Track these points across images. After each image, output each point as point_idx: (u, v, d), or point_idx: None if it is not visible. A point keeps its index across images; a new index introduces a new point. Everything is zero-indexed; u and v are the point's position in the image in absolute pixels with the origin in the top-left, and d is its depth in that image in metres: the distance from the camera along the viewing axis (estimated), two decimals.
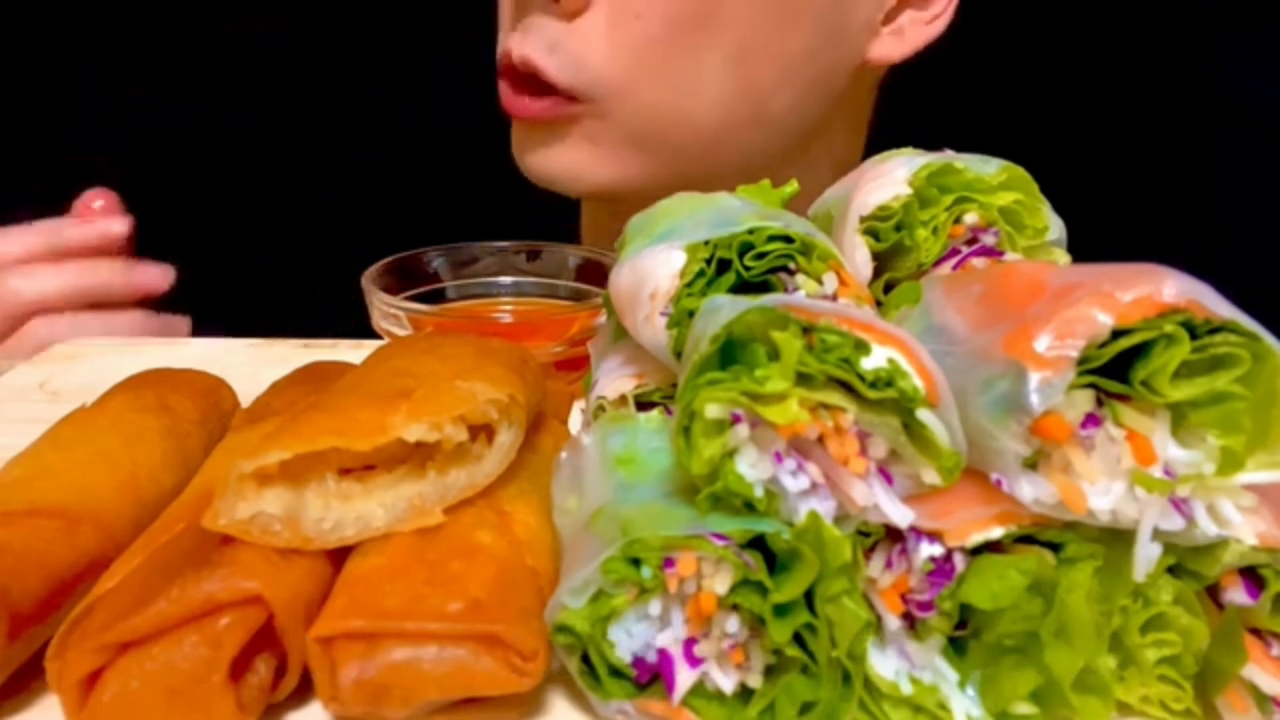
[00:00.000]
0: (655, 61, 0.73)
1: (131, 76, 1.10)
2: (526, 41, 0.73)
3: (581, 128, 0.75)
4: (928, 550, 0.35)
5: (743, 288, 0.42)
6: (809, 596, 0.34)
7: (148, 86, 1.10)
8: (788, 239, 0.42)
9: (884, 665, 0.36)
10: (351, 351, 0.69)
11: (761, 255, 0.42)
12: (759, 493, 0.35)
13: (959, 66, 1.01)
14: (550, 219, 0.92)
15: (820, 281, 0.42)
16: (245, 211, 1.10)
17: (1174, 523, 0.34)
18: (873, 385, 0.34)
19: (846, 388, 0.35)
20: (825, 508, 0.35)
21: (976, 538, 0.35)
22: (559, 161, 0.77)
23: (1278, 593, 0.35)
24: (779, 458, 0.35)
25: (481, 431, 0.42)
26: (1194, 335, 0.34)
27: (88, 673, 0.35)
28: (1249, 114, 1.01)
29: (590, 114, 0.74)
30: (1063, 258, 0.47)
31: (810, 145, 0.83)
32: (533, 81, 0.74)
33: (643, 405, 0.46)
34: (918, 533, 0.35)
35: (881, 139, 0.52)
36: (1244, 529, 0.35)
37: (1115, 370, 0.34)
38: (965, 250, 0.46)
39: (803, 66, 0.77)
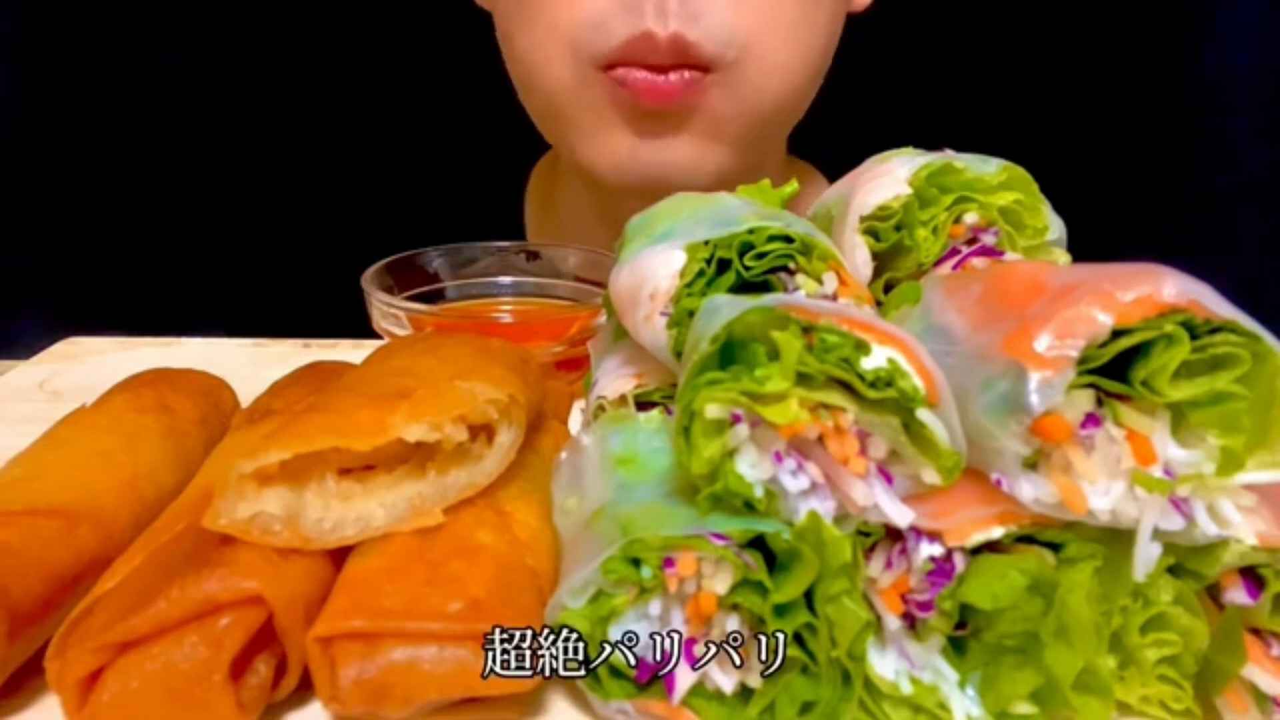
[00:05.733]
0: (785, 18, 0.72)
1: (131, 75, 1.10)
2: (669, 18, 0.68)
3: (705, 111, 0.72)
4: (928, 550, 0.35)
5: (743, 288, 0.42)
6: (809, 596, 0.34)
7: (148, 85, 1.10)
8: (788, 239, 0.42)
9: (884, 665, 0.36)
10: (351, 351, 0.69)
11: (761, 255, 0.42)
12: (759, 493, 0.35)
13: (958, 66, 1.01)
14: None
15: (820, 281, 0.42)
16: (245, 210, 1.10)
17: (1174, 523, 0.34)
18: (873, 385, 0.34)
19: (846, 388, 0.35)
20: (825, 508, 0.35)
21: (976, 538, 0.35)
22: (680, 152, 0.73)
23: (1278, 593, 0.35)
24: (779, 458, 0.35)
25: (481, 431, 0.42)
26: (1194, 335, 0.34)
27: (88, 673, 0.35)
28: (1245, 111, 1.01)
29: (718, 84, 0.71)
30: (1063, 258, 0.47)
31: None
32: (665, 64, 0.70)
33: (643, 405, 0.46)
34: (918, 533, 0.35)
35: (882, 139, 0.51)
36: (1244, 529, 0.35)
37: (1115, 370, 0.34)
38: (965, 250, 0.46)
39: (842, 13, 0.79)
